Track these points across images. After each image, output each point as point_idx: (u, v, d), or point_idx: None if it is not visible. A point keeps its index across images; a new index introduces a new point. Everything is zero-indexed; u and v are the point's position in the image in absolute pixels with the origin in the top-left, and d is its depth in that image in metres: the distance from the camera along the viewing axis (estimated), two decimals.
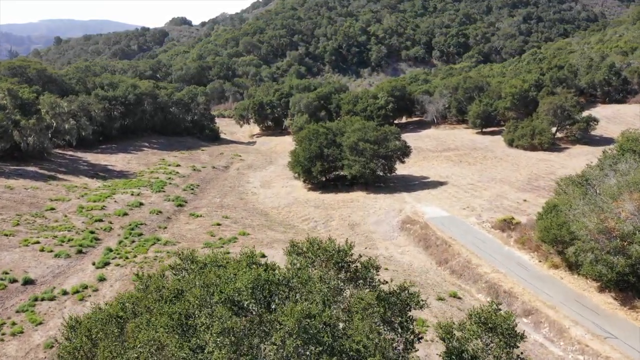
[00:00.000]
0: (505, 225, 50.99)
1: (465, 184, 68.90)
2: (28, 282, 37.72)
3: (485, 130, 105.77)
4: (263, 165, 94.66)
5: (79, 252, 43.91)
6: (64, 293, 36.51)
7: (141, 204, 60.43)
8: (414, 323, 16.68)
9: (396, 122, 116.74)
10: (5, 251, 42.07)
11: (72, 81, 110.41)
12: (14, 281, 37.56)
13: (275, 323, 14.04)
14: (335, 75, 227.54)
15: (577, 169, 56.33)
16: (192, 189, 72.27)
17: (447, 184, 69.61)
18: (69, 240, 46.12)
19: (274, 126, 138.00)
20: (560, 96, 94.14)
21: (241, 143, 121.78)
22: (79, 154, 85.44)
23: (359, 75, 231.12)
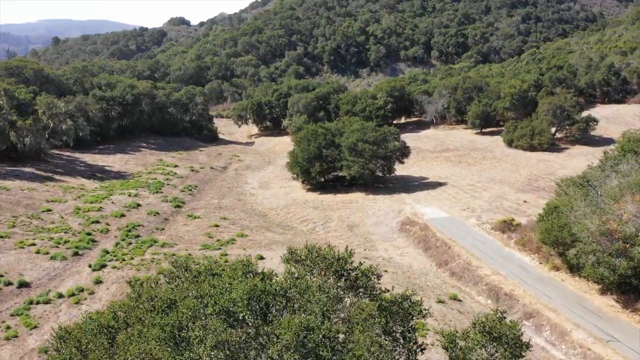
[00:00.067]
0: (505, 226, 50.62)
1: (464, 185, 68.54)
2: (23, 285, 37.28)
3: (484, 130, 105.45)
4: (261, 165, 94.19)
5: (75, 254, 43.48)
6: (60, 296, 36.08)
7: (138, 205, 59.99)
8: (417, 333, 16.20)
9: (395, 123, 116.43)
10: (0, 253, 41.61)
11: (70, 81, 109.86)
12: (9, 284, 37.11)
13: (272, 336, 13.50)
14: (333, 75, 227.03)
15: (577, 170, 56.03)
16: (190, 190, 71.82)
17: (447, 185, 69.25)
18: (65, 242, 45.67)
19: (273, 126, 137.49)
20: (559, 96, 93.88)
21: (239, 143, 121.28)
22: (76, 155, 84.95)
23: (358, 75, 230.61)
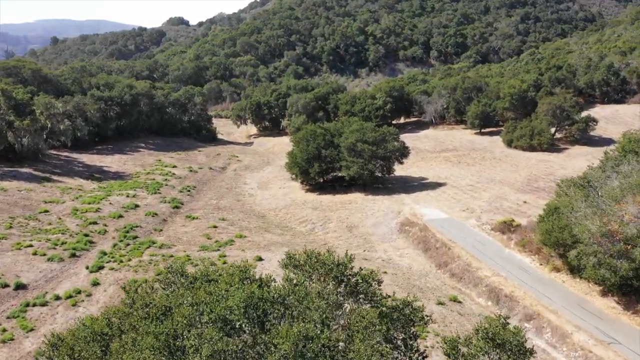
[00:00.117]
0: (505, 227, 50.35)
1: (464, 185, 68.29)
2: (20, 287, 36.92)
3: (483, 130, 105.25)
4: (260, 166, 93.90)
5: (73, 256, 43.13)
6: (57, 298, 35.74)
7: (137, 206, 59.66)
8: (418, 340, 15.91)
9: (394, 123, 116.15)
10: None
11: (68, 81, 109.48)
12: (6, 286, 36.75)
13: (269, 345, 13.16)
14: (332, 75, 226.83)
15: (577, 170, 55.84)
16: (189, 191, 71.51)
17: (446, 185, 68.99)
18: (63, 243, 45.30)
19: (272, 127, 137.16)
20: (559, 96, 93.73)
21: (238, 144, 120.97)
22: (74, 155, 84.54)
23: (357, 75, 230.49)
